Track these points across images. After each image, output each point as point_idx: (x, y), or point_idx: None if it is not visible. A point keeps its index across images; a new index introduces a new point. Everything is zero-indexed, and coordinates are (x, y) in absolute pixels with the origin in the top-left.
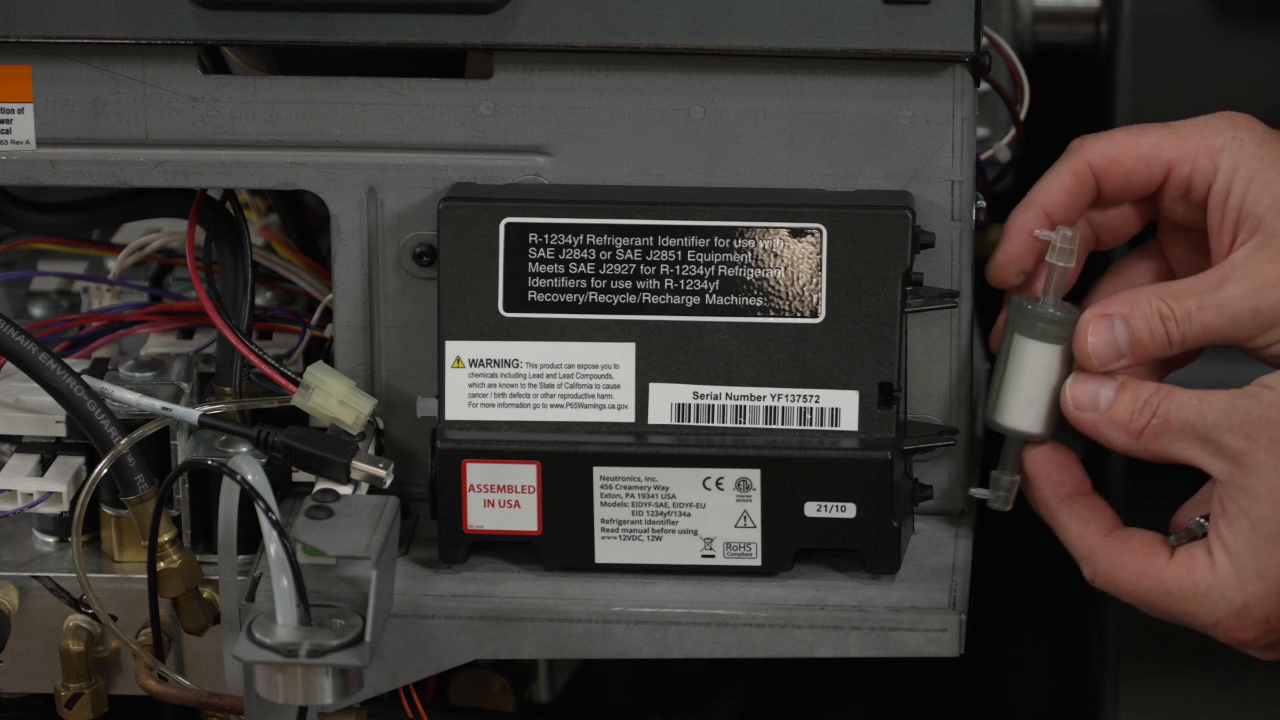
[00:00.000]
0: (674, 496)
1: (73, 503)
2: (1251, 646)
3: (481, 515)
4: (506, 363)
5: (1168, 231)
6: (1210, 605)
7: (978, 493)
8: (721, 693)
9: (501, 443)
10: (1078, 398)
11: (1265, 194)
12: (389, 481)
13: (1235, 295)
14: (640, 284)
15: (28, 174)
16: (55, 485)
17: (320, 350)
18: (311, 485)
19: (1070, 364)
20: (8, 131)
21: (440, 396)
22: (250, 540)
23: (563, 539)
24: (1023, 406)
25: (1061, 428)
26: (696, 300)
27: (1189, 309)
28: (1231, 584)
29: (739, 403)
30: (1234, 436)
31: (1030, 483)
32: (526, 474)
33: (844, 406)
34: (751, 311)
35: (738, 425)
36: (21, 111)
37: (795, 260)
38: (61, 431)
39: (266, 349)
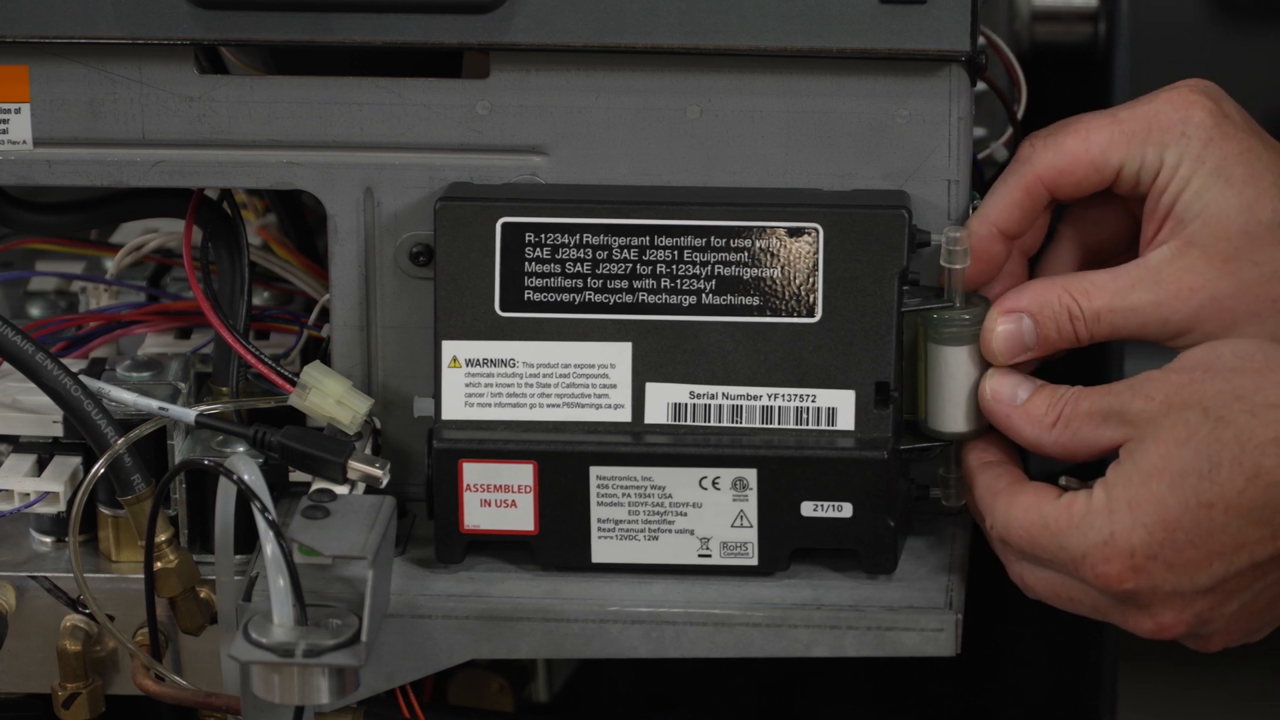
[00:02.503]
0: (670, 496)
1: (70, 502)
2: (1116, 586)
3: (478, 515)
4: (503, 362)
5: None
6: (1080, 535)
7: (934, 492)
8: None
9: (498, 442)
10: (996, 391)
11: (1196, 201)
12: (385, 481)
13: (1146, 302)
14: (637, 283)
15: (25, 174)
16: (52, 485)
17: (317, 350)
18: (308, 485)
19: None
20: (4, 131)
21: (437, 396)
22: (247, 540)
23: (559, 539)
24: (952, 411)
25: None
26: (693, 300)
27: (1098, 309)
28: (1101, 512)
29: (735, 402)
30: (1138, 400)
31: (962, 458)
32: (523, 474)
33: (841, 406)
34: (748, 311)
35: (734, 425)
36: (18, 111)
37: (792, 260)
38: (59, 431)
39: (264, 349)
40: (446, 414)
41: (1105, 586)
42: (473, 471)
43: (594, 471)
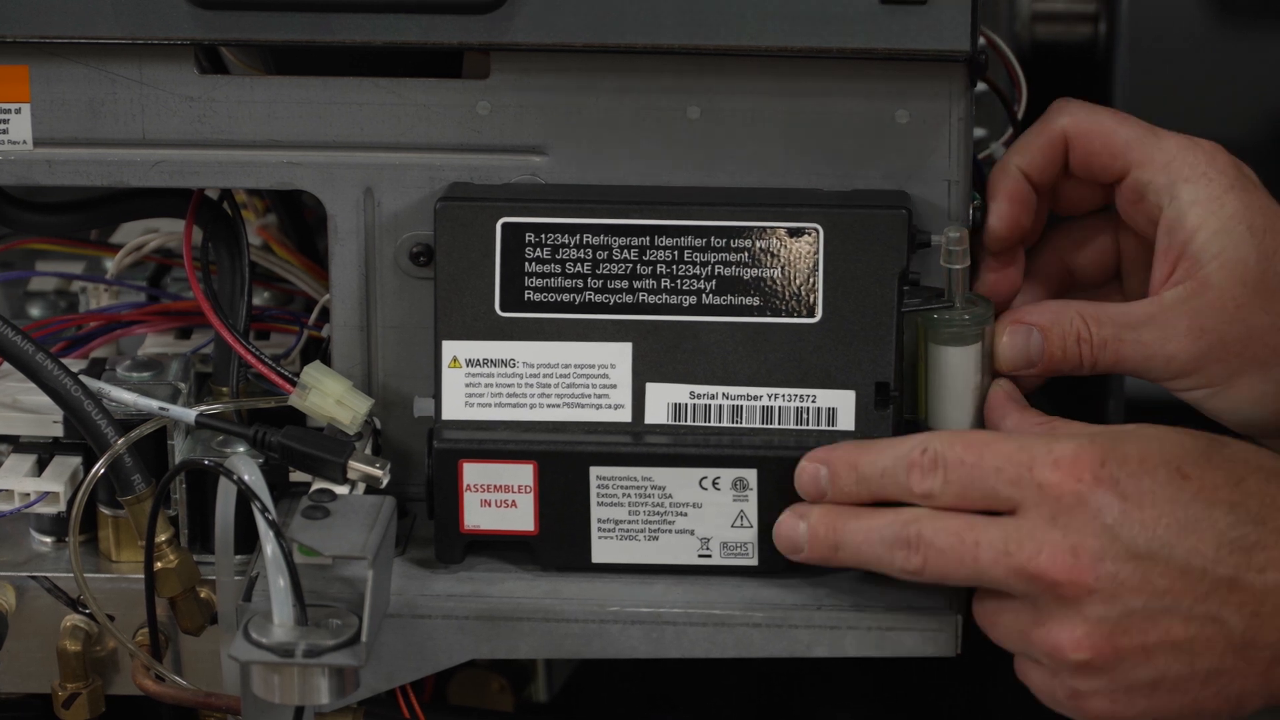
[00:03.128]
0: (670, 496)
1: (70, 502)
2: (1070, 485)
3: (478, 515)
4: (503, 362)
5: (1122, 225)
6: (1050, 437)
7: None
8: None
9: (498, 442)
10: (1010, 389)
11: (1214, 243)
12: (386, 481)
13: (1154, 338)
14: (637, 284)
15: (25, 174)
16: (52, 485)
17: (317, 350)
18: (308, 485)
19: (989, 356)
20: (5, 131)
21: (437, 396)
22: (248, 540)
23: (559, 539)
24: (951, 411)
25: None
26: (693, 300)
27: (1106, 337)
28: (1084, 428)
29: (735, 402)
30: (1133, 427)
31: None
32: (523, 474)
33: (841, 406)
34: (748, 311)
35: (734, 425)
36: (18, 111)
37: (792, 260)
38: (59, 431)
39: (264, 349)
40: (447, 414)
41: (1057, 483)
42: (473, 471)
43: (594, 472)
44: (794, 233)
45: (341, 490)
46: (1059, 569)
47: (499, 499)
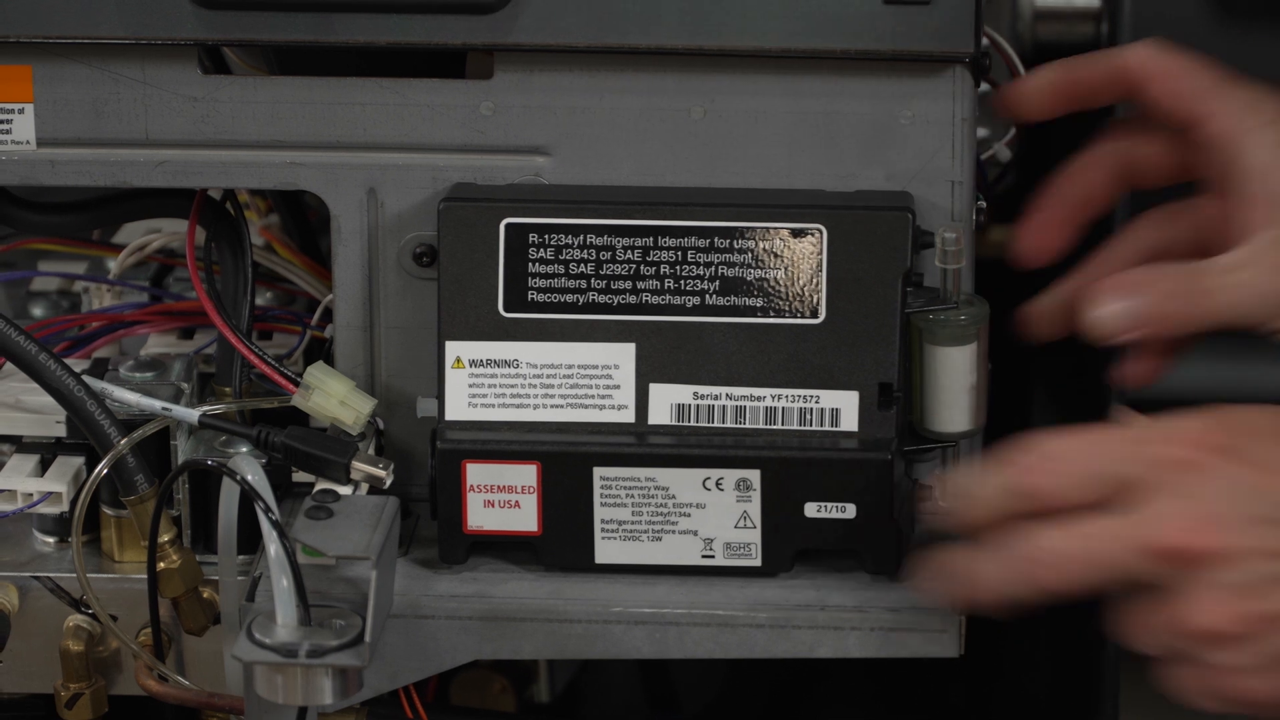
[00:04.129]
0: (674, 497)
1: (73, 503)
2: (1192, 449)
3: (481, 515)
4: (506, 363)
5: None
6: (1153, 420)
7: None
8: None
9: (501, 443)
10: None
11: None
12: (389, 482)
13: (1250, 277)
14: (640, 284)
15: (28, 174)
16: (55, 485)
17: (320, 351)
18: (311, 486)
19: (985, 355)
20: (8, 132)
21: (440, 397)
22: (251, 540)
23: (563, 539)
24: (948, 411)
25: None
26: (697, 300)
27: (1208, 287)
28: (1179, 415)
29: (739, 403)
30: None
31: None
32: (526, 474)
33: (844, 407)
34: (752, 312)
35: (738, 426)
36: (22, 112)
37: (795, 261)
38: (61, 432)
39: (267, 349)
40: (450, 414)
41: (1174, 455)
42: (476, 472)
43: (597, 472)
44: (797, 233)
45: (345, 491)
46: (1183, 537)
47: (502, 499)
